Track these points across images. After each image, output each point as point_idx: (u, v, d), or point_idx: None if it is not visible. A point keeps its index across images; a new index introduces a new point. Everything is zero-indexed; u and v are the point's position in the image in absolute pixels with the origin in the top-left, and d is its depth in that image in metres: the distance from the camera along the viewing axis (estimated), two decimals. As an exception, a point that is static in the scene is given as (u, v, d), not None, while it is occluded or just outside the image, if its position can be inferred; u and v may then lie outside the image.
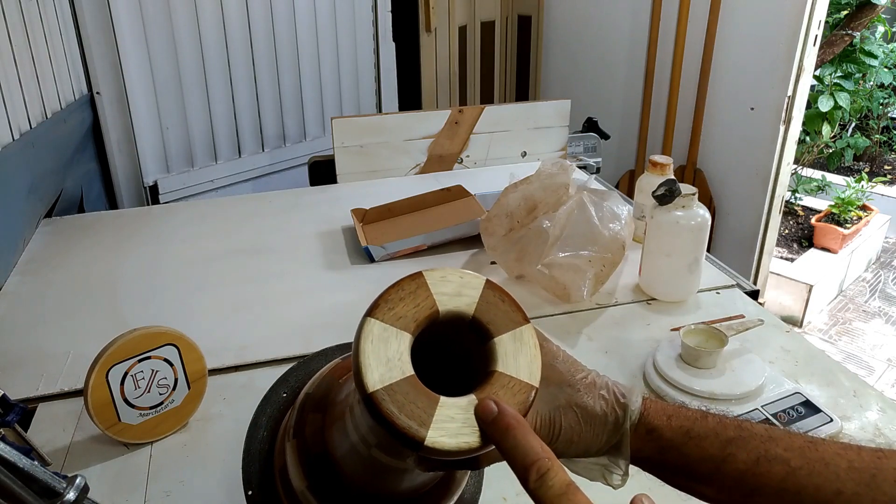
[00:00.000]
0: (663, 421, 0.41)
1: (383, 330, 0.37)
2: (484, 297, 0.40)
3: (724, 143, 2.26)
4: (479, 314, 0.39)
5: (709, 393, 0.80)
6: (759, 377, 0.81)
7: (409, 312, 0.38)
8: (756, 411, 0.78)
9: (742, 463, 0.39)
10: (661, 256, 1.03)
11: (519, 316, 0.40)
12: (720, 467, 0.40)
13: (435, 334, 0.40)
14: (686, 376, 0.82)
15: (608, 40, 2.47)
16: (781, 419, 0.77)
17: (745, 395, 0.80)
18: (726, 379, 0.82)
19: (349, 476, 0.47)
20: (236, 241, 1.28)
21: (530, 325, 0.40)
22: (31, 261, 1.20)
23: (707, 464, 0.40)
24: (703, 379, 0.82)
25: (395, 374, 0.36)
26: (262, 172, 2.05)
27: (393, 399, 0.35)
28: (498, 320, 0.39)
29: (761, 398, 0.80)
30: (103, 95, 1.64)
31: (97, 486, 0.65)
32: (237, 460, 0.72)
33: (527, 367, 0.38)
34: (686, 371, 0.83)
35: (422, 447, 0.35)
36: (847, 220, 3.21)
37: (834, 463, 0.38)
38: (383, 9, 2.24)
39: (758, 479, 0.39)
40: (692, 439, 0.40)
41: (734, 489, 0.40)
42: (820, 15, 1.98)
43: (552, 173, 1.12)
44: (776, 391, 0.81)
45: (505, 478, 0.70)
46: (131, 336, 0.71)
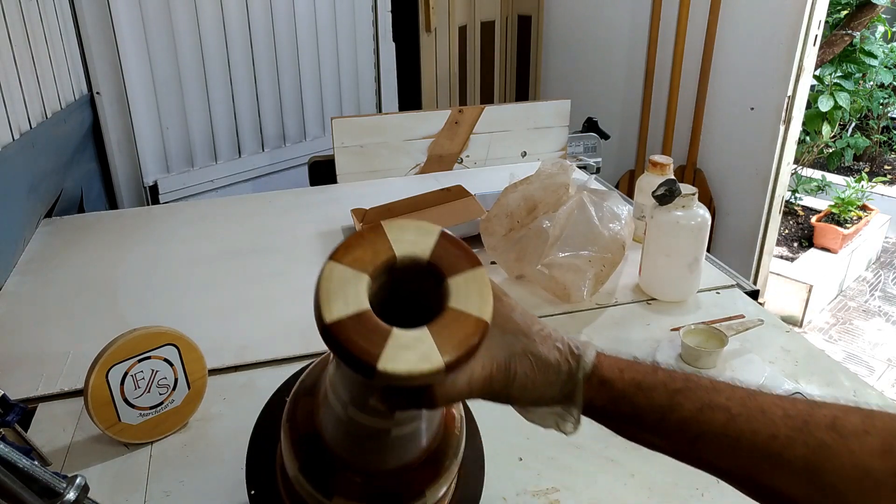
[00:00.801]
0: (616, 373, 0.44)
1: (342, 271, 0.39)
2: (439, 244, 0.42)
3: (724, 143, 2.26)
4: (435, 258, 0.41)
5: None
6: (759, 377, 0.81)
7: (367, 257, 0.40)
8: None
9: (687, 411, 0.42)
10: (661, 256, 1.03)
11: (472, 261, 0.42)
12: (667, 416, 0.42)
13: (400, 289, 0.42)
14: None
15: (608, 40, 2.47)
16: None
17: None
18: (726, 379, 0.82)
19: (337, 452, 0.49)
20: (236, 241, 1.28)
21: (483, 269, 0.42)
22: (31, 261, 1.20)
23: (655, 413, 0.42)
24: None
25: (352, 308, 0.38)
26: (262, 172, 2.05)
27: (348, 329, 0.37)
28: (452, 264, 0.41)
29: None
30: (103, 95, 1.64)
31: (97, 486, 0.65)
32: (237, 460, 0.72)
33: (477, 304, 0.40)
34: (686, 371, 0.83)
35: (375, 372, 0.36)
36: (847, 220, 3.21)
37: (770, 411, 0.41)
38: (383, 9, 2.24)
39: (701, 426, 0.41)
40: (642, 390, 0.43)
41: (679, 436, 0.42)
42: (820, 15, 1.98)
43: (552, 173, 1.12)
44: (776, 391, 0.81)
45: (505, 478, 0.70)
46: (131, 336, 0.71)
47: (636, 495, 0.69)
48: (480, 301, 0.40)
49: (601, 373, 0.43)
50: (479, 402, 0.79)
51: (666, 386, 0.43)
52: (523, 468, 0.72)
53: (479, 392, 0.42)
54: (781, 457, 0.39)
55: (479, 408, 0.79)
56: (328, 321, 0.38)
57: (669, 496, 0.69)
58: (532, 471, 0.71)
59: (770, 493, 0.40)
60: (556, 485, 0.70)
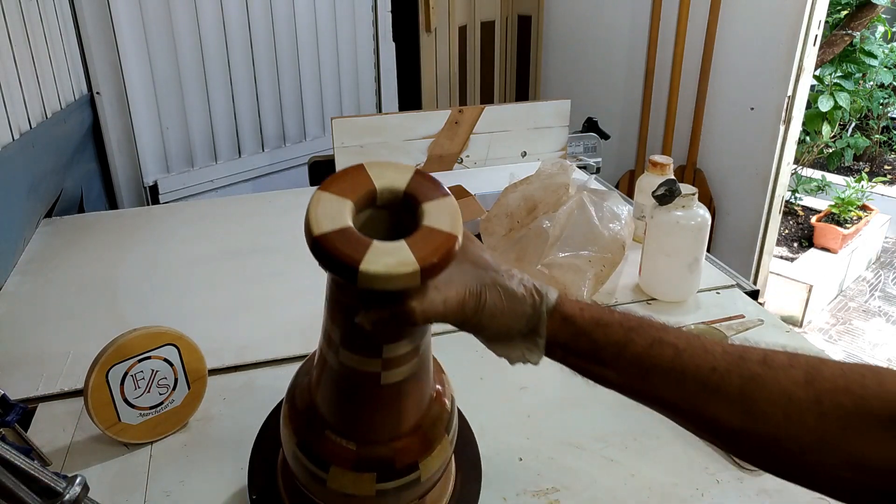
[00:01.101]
0: (577, 311, 0.48)
1: (328, 197, 0.45)
2: (414, 178, 0.47)
3: (724, 143, 2.26)
4: (410, 189, 0.47)
5: None
6: None
7: (350, 187, 0.46)
8: None
9: (640, 346, 0.46)
10: (661, 256, 1.03)
11: (444, 191, 0.47)
12: (622, 351, 0.46)
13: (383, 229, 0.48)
14: None
15: (608, 40, 2.47)
16: None
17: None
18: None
19: (332, 421, 0.53)
20: (236, 241, 1.28)
21: (453, 199, 0.47)
22: (31, 261, 1.20)
23: (612, 348, 0.47)
24: None
25: (337, 225, 0.43)
26: (262, 172, 2.05)
27: (334, 241, 0.42)
28: (425, 193, 0.46)
29: None
30: (103, 95, 1.64)
31: (97, 486, 0.65)
32: (237, 460, 0.72)
33: (448, 223, 0.45)
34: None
35: (357, 274, 0.41)
36: (847, 220, 3.21)
37: (711, 348, 0.45)
38: (383, 9, 2.24)
39: (651, 360, 0.46)
40: (601, 327, 0.47)
41: (633, 370, 0.46)
42: (820, 15, 1.98)
43: (552, 173, 1.12)
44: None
45: (505, 478, 0.70)
46: (131, 336, 0.71)
47: (636, 495, 0.69)
48: (451, 221, 0.45)
49: (563, 309, 0.48)
50: (477, 402, 0.79)
51: (622, 324, 0.47)
52: (523, 468, 0.72)
53: (453, 315, 0.46)
54: (720, 387, 0.44)
55: (479, 408, 0.79)
56: (316, 234, 0.42)
57: (669, 496, 0.69)
58: (532, 471, 0.71)
59: (710, 424, 0.45)
60: (556, 485, 0.70)
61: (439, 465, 0.56)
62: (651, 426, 0.78)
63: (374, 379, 0.50)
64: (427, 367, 0.54)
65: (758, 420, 0.43)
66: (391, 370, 0.50)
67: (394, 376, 0.50)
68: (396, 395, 0.52)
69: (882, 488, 0.41)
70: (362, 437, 0.53)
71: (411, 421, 0.54)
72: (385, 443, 0.53)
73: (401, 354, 0.49)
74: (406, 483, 0.54)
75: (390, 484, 0.53)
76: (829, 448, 0.42)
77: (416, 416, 0.54)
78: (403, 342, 0.49)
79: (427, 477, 0.55)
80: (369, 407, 0.52)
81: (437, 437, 0.55)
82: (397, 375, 0.50)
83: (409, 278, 0.42)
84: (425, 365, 0.54)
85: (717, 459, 0.73)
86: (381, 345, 0.48)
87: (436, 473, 0.57)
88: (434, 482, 0.58)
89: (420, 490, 0.56)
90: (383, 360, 0.49)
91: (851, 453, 0.41)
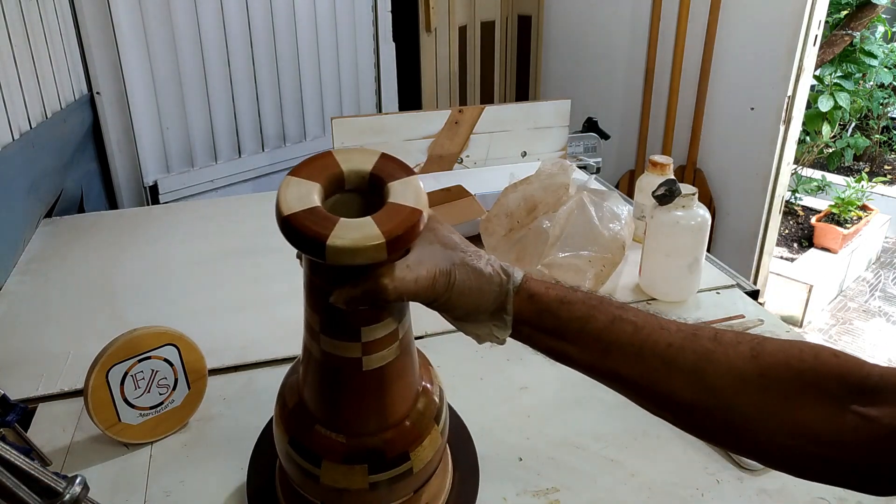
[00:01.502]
0: (542, 289, 0.50)
1: (297, 182, 0.47)
2: (380, 161, 0.49)
3: (724, 143, 2.26)
4: (376, 170, 0.49)
5: None
6: None
7: (318, 171, 0.48)
8: None
9: (601, 323, 0.49)
10: (661, 256, 1.03)
11: (408, 171, 0.49)
12: (584, 327, 0.49)
13: (352, 209, 0.50)
14: None
15: (608, 40, 2.47)
16: None
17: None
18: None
19: (320, 415, 0.54)
20: (236, 241, 1.28)
21: (417, 178, 0.49)
22: (31, 261, 1.20)
23: (574, 324, 0.49)
24: None
25: (305, 205, 0.45)
26: (262, 172, 2.05)
27: (302, 219, 0.44)
28: (390, 173, 0.49)
29: None
30: (103, 95, 1.64)
31: (97, 486, 0.65)
32: (237, 460, 0.72)
33: (413, 199, 0.47)
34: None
35: (325, 248, 0.42)
36: (847, 220, 3.21)
37: (667, 326, 0.48)
38: (383, 9, 2.24)
39: (611, 336, 0.48)
40: (565, 304, 0.49)
41: (594, 346, 0.49)
42: (820, 15, 1.98)
43: (552, 173, 1.12)
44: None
45: (505, 478, 0.70)
46: (131, 336, 0.71)
47: (636, 495, 0.69)
48: (416, 197, 0.47)
49: (529, 287, 0.50)
50: (477, 402, 0.79)
51: (584, 302, 0.49)
52: (523, 468, 0.72)
53: (424, 292, 0.47)
54: (676, 362, 0.47)
55: (479, 408, 0.79)
56: (285, 214, 0.44)
57: (669, 496, 0.69)
58: (532, 471, 0.71)
59: (666, 398, 0.48)
60: (556, 485, 0.70)
61: (431, 457, 0.56)
62: (651, 426, 0.78)
63: (356, 365, 0.51)
64: (410, 355, 0.55)
65: (709, 393, 0.46)
66: (372, 354, 0.51)
67: (375, 361, 0.51)
68: (380, 382, 0.52)
69: (825, 456, 0.44)
70: (351, 429, 0.54)
71: (399, 411, 0.55)
72: (374, 434, 0.54)
73: (380, 338, 0.50)
74: (398, 474, 0.54)
75: (382, 475, 0.54)
76: (772, 418, 0.45)
77: (403, 407, 0.55)
78: (380, 325, 0.50)
79: (420, 468, 0.56)
80: (355, 396, 0.53)
81: (426, 427, 0.56)
82: (379, 360, 0.51)
83: (375, 250, 0.43)
84: (408, 352, 0.55)
85: (717, 459, 0.73)
86: (358, 328, 0.49)
87: (429, 466, 0.57)
88: (428, 475, 0.58)
89: (414, 483, 0.56)
90: (363, 344, 0.50)
91: (793, 423, 0.44)
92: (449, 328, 0.51)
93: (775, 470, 0.50)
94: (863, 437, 0.43)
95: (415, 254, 0.48)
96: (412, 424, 0.55)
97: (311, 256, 0.44)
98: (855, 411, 0.43)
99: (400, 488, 0.56)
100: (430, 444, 0.56)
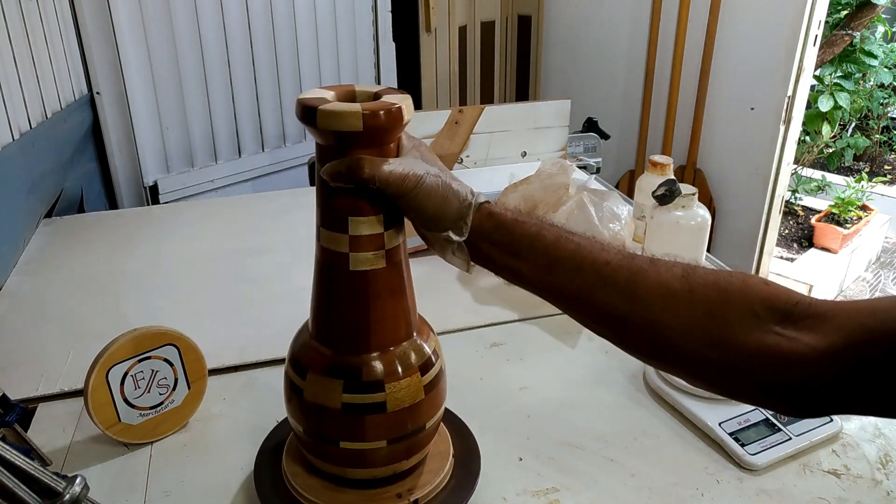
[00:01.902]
0: (501, 210, 0.56)
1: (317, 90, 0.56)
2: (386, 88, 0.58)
3: (724, 143, 2.26)
4: (380, 92, 0.57)
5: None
6: None
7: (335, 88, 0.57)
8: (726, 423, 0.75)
9: (548, 240, 0.53)
10: (661, 256, 1.03)
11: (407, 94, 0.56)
12: (533, 243, 0.54)
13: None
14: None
15: (608, 40, 2.47)
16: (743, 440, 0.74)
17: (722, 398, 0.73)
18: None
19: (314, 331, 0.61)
20: (236, 241, 1.28)
21: (409, 97, 0.55)
22: (31, 261, 1.20)
23: (525, 240, 0.54)
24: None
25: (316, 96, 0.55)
26: (262, 172, 2.04)
27: (311, 101, 0.53)
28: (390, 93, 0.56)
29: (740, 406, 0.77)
30: (103, 95, 1.64)
31: (97, 486, 0.65)
32: (237, 460, 0.72)
33: (399, 100, 0.54)
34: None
35: (316, 112, 0.52)
36: (847, 220, 3.21)
37: (608, 248, 0.53)
38: (383, 9, 2.24)
39: (556, 252, 0.53)
40: (518, 223, 0.55)
41: (540, 262, 0.53)
42: (820, 15, 1.98)
43: (552, 173, 1.12)
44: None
45: (505, 478, 0.70)
46: (131, 336, 0.71)
47: (636, 495, 0.69)
48: (403, 102, 0.54)
49: (489, 207, 0.56)
50: (477, 402, 0.79)
51: (536, 223, 0.54)
52: (523, 468, 0.72)
53: (395, 183, 0.53)
54: (612, 277, 0.51)
55: (479, 408, 0.79)
56: (301, 100, 0.54)
57: (669, 496, 0.69)
58: (532, 471, 0.71)
59: (601, 311, 0.52)
60: (556, 485, 0.70)
61: (410, 405, 0.59)
62: (651, 426, 0.78)
63: (344, 261, 0.56)
64: (399, 279, 0.59)
65: (639, 306, 0.50)
66: (358, 253, 0.56)
67: (361, 262, 0.56)
68: (365, 289, 0.57)
69: (743, 368, 0.48)
70: (337, 344, 0.59)
71: (383, 338, 0.59)
72: (356, 354, 0.58)
73: (365, 235, 0.56)
74: (371, 404, 0.57)
75: (356, 397, 0.57)
76: (696, 330, 0.49)
77: (387, 335, 0.59)
78: (365, 222, 0.55)
79: (394, 407, 0.58)
80: (342, 300, 0.58)
81: (407, 367, 0.59)
82: (364, 262, 0.56)
83: (352, 117, 0.51)
84: (396, 274, 0.58)
85: (716, 459, 0.73)
86: (346, 217, 0.55)
87: (407, 416, 0.59)
88: (406, 430, 0.59)
89: (388, 426, 0.58)
90: (350, 238, 0.56)
91: (716, 336, 0.48)
92: (449, 328, 0.51)
93: (694, 383, 0.56)
94: (780, 356, 0.46)
95: (398, 158, 0.55)
96: (392, 358, 0.59)
97: (308, 124, 0.53)
98: (777, 332, 0.47)
99: (374, 427, 0.58)
100: (408, 388, 0.58)
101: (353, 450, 0.59)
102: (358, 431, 0.58)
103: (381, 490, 0.63)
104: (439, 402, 0.63)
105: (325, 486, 0.63)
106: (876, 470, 0.72)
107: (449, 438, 0.70)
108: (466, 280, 1.10)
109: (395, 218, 0.57)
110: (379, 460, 0.60)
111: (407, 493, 0.63)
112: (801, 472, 0.71)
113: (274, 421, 0.75)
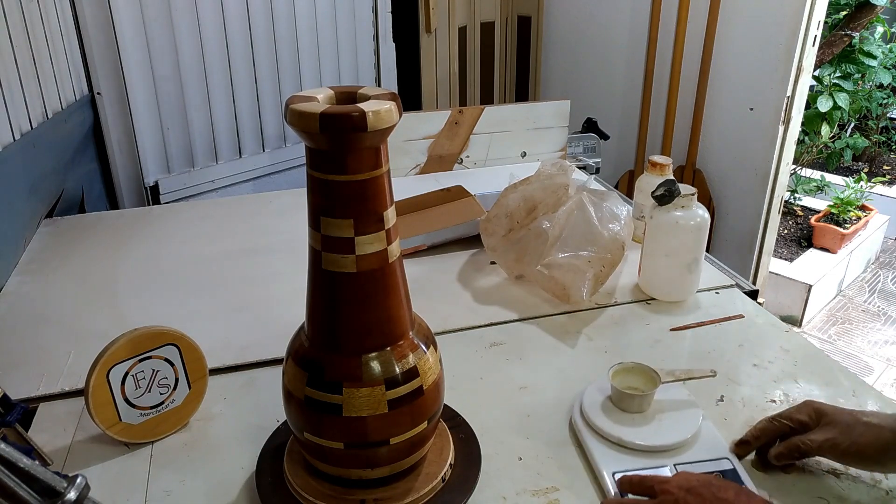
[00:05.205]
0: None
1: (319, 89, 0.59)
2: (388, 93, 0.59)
3: (723, 143, 2.26)
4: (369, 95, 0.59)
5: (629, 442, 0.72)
6: (684, 433, 0.72)
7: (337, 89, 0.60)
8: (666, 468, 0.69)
9: None
10: (660, 256, 1.03)
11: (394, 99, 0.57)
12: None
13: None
14: (609, 422, 0.74)
15: (608, 40, 2.48)
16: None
17: (663, 449, 0.71)
18: (650, 428, 0.74)
19: (307, 322, 0.63)
20: (236, 241, 1.28)
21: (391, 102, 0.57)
22: (31, 261, 1.20)
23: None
24: (626, 426, 0.74)
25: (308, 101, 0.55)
26: (262, 172, 2.05)
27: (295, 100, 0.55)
28: (377, 98, 0.58)
29: (684, 455, 0.71)
30: (104, 96, 1.64)
31: (98, 485, 0.66)
32: (238, 460, 0.72)
33: (372, 107, 0.54)
34: (611, 415, 0.75)
35: (288, 110, 0.53)
36: (846, 221, 3.21)
37: None
38: (383, 9, 2.24)
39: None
40: None
41: None
42: (819, 15, 1.98)
43: (552, 174, 1.12)
44: (705, 453, 0.71)
45: (505, 478, 0.70)
46: (132, 336, 0.71)
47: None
48: (376, 105, 0.54)
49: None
50: (477, 402, 0.79)
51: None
52: (523, 468, 0.72)
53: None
54: None
55: (479, 408, 0.79)
56: (288, 101, 0.55)
57: (669, 496, 0.69)
58: (532, 471, 0.72)
59: None
60: (556, 485, 0.70)
61: (367, 414, 0.58)
62: (650, 426, 0.78)
63: (318, 258, 0.59)
64: (372, 293, 0.59)
65: None
66: (329, 252, 0.58)
67: (331, 262, 0.58)
68: (335, 291, 0.59)
69: None
70: (312, 337, 0.61)
71: (351, 341, 0.59)
72: (325, 352, 0.60)
73: (335, 237, 0.57)
74: (329, 403, 0.58)
75: (316, 393, 0.59)
76: None
77: (356, 340, 0.59)
78: (334, 222, 0.57)
79: (350, 413, 0.58)
80: (315, 296, 0.61)
81: (370, 378, 0.58)
82: (334, 263, 0.58)
83: (310, 118, 0.52)
84: (370, 284, 0.59)
85: (716, 459, 0.73)
86: (318, 215, 0.58)
87: (361, 424, 0.58)
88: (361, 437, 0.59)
89: (342, 427, 0.59)
90: (322, 236, 0.58)
91: None
92: (449, 328, 0.51)
93: None
94: None
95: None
96: (356, 364, 0.59)
97: (285, 118, 0.55)
98: None
99: (331, 427, 0.59)
100: (368, 400, 0.58)
101: (314, 443, 0.61)
102: (317, 427, 0.60)
103: (347, 490, 0.63)
104: (408, 421, 0.60)
105: (323, 486, 0.63)
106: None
107: (448, 458, 0.68)
108: (466, 280, 1.10)
109: (369, 227, 0.57)
110: (337, 461, 0.61)
111: (371, 502, 0.63)
112: (800, 471, 0.72)
113: (275, 421, 0.75)
